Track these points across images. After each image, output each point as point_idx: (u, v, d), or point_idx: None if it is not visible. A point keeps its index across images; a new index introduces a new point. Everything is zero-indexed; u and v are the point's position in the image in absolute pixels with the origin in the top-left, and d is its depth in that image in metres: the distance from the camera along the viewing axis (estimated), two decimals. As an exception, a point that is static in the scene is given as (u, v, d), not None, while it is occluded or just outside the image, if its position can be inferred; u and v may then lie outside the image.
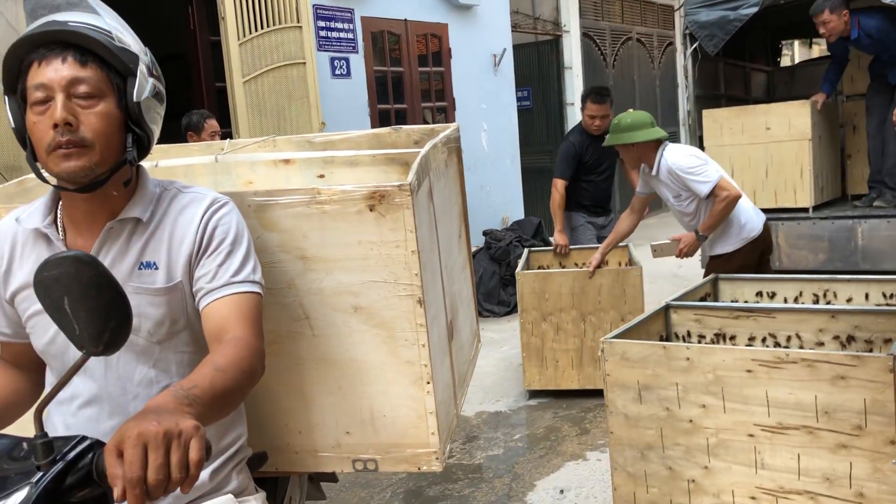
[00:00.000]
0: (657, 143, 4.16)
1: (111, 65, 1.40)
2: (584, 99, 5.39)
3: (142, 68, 1.44)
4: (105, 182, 1.42)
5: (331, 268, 1.64)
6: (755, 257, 4.30)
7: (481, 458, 4.04)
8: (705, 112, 5.55)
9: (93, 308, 1.12)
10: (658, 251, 4.41)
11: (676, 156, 4.10)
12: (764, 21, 6.12)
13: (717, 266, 4.21)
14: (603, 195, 5.62)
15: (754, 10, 5.38)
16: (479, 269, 7.28)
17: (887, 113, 5.33)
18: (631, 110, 4.34)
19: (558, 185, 5.36)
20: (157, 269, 1.49)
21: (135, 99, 1.42)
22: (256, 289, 1.50)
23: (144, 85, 1.44)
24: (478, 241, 7.95)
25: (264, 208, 1.63)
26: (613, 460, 3.00)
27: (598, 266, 4.61)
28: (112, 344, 1.15)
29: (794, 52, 19.67)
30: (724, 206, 4.06)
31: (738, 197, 4.05)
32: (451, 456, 4.07)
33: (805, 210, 5.36)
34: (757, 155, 5.38)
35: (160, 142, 2.19)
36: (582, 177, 5.46)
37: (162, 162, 2.23)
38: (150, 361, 1.50)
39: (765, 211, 5.04)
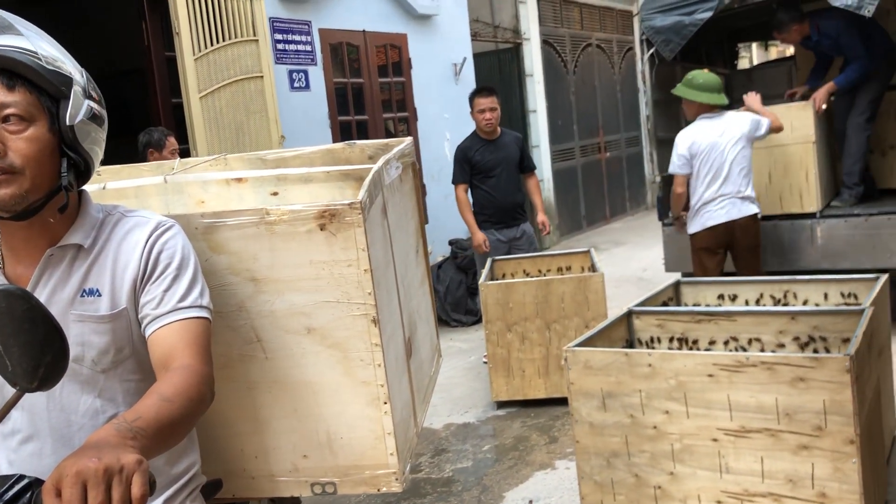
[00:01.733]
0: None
1: (42, 88, 1.35)
2: (471, 100, 5.55)
3: (76, 90, 1.39)
4: (40, 209, 1.38)
5: (282, 289, 1.61)
6: (714, 245, 4.97)
7: (450, 470, 4.01)
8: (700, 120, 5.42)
9: (26, 343, 1.09)
10: None
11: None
12: (720, 25, 6.19)
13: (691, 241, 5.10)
14: (508, 202, 5.55)
15: (709, 14, 5.43)
16: (445, 278, 7.26)
17: (849, 114, 5.42)
18: (706, 71, 5.07)
19: (458, 191, 5.55)
20: (100, 296, 1.45)
21: (68, 122, 1.37)
22: (204, 314, 1.46)
23: (79, 107, 1.39)
24: (444, 251, 7.93)
25: (212, 230, 1.60)
26: (580, 469, 3.00)
27: None
28: (47, 379, 1.11)
29: (753, 55, 19.98)
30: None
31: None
32: (419, 470, 4.04)
33: (813, 215, 5.28)
34: (760, 160, 5.25)
35: (117, 159, 2.16)
36: (480, 184, 5.52)
37: (111, 183, 2.18)
38: (95, 391, 1.46)
39: (770, 217, 5.25)
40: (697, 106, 4.97)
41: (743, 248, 4.98)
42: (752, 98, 5.10)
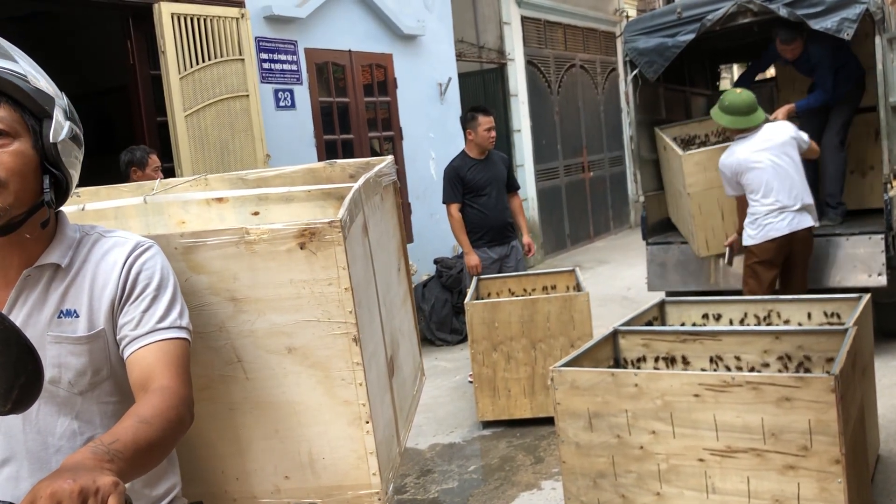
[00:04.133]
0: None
1: (26, 107, 1.37)
2: (472, 117, 5.58)
3: (58, 111, 1.41)
4: (20, 225, 1.37)
5: (262, 309, 1.59)
6: (774, 258, 4.82)
7: (436, 491, 3.98)
8: (685, 156, 5.33)
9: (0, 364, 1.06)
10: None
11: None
12: (702, 46, 6.25)
13: (745, 255, 4.95)
14: (499, 220, 5.58)
15: (691, 37, 5.49)
16: (430, 297, 7.24)
17: (821, 136, 5.47)
18: (739, 90, 5.00)
19: (451, 210, 5.54)
20: (77, 317, 1.43)
21: (51, 140, 1.38)
22: (183, 334, 1.45)
23: (62, 127, 1.41)
24: (429, 269, 7.92)
25: (192, 250, 1.58)
26: (567, 490, 2.98)
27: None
28: (21, 401, 1.09)
29: (734, 76, 20.18)
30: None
31: None
32: (404, 491, 4.00)
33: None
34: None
35: (102, 177, 2.14)
36: (471, 203, 5.54)
37: (91, 204, 2.16)
38: (73, 413, 1.44)
39: None
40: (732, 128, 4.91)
41: (798, 261, 4.88)
42: (783, 112, 5.26)
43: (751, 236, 4.83)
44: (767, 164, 4.72)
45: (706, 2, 5.45)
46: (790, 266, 4.89)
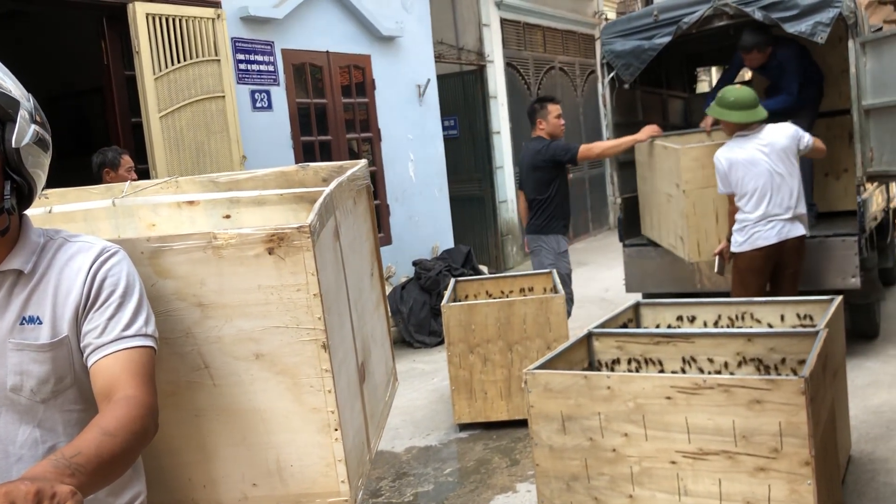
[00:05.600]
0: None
1: None
2: (542, 106, 5.59)
3: (23, 114, 1.38)
4: None
5: (230, 314, 1.58)
6: (763, 266, 4.70)
7: (411, 495, 3.97)
8: (683, 150, 5.03)
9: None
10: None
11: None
12: (679, 49, 6.28)
13: (733, 262, 4.82)
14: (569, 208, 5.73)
15: (668, 39, 5.51)
16: (409, 299, 7.23)
17: None
18: (738, 86, 4.88)
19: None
20: (40, 323, 1.41)
21: (13, 145, 1.35)
22: (149, 342, 1.43)
23: (25, 131, 1.38)
24: (408, 271, 7.91)
25: (158, 255, 1.56)
26: (540, 493, 2.98)
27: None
28: None
29: (712, 78, 20.32)
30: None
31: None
32: (379, 494, 3.99)
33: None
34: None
35: (77, 178, 2.11)
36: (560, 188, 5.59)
37: (59, 207, 2.13)
38: (35, 421, 1.42)
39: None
40: (733, 125, 4.72)
41: (787, 271, 4.74)
42: None
43: (738, 243, 4.71)
44: (764, 170, 4.59)
45: (683, 5, 5.49)
46: (780, 274, 4.76)
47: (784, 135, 4.67)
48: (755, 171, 4.60)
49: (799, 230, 4.67)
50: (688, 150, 5.04)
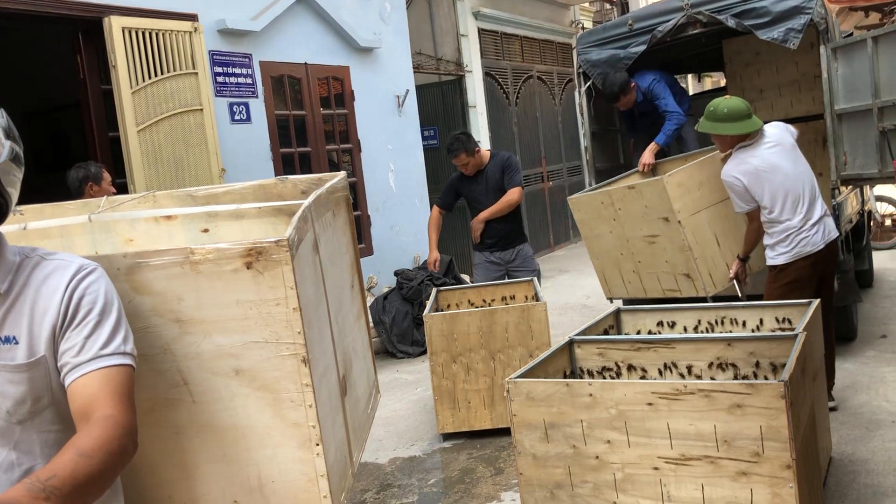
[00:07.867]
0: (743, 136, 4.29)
1: None
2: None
3: None
4: None
5: (209, 330, 1.57)
6: (812, 275, 4.27)
7: (396, 506, 3.95)
8: (667, 179, 4.67)
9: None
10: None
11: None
12: (654, 57, 6.34)
13: (772, 276, 4.36)
14: (499, 228, 5.67)
15: (643, 48, 5.57)
16: (391, 309, 7.21)
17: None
18: (727, 96, 4.45)
19: (433, 211, 5.85)
20: (17, 343, 1.39)
21: None
22: (128, 360, 1.42)
23: (0, 148, 1.36)
24: (390, 282, 7.89)
25: (135, 270, 1.55)
26: (524, 502, 2.98)
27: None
28: None
29: (688, 85, 20.52)
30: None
31: None
32: (364, 506, 3.97)
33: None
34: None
35: (55, 193, 2.09)
36: (473, 212, 5.71)
37: (33, 223, 2.12)
38: (10, 443, 1.40)
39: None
40: (730, 138, 4.29)
41: (828, 276, 4.39)
42: (649, 153, 5.39)
43: (782, 254, 4.23)
44: (787, 172, 4.20)
45: (657, 13, 5.54)
46: (820, 282, 4.33)
47: (784, 131, 4.37)
48: (779, 175, 4.19)
49: (834, 230, 4.35)
50: (670, 177, 4.68)
